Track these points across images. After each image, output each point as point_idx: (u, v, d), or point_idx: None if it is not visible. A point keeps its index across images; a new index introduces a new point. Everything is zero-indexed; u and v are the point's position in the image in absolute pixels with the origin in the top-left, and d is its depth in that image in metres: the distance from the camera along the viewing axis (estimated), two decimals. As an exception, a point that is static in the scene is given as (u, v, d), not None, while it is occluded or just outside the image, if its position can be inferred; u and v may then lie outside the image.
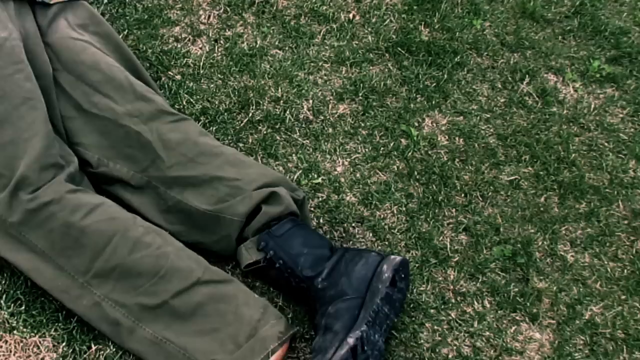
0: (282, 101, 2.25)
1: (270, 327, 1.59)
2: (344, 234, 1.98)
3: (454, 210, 2.09)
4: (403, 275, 1.73)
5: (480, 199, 2.14)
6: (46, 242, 1.60)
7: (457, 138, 2.28)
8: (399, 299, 1.71)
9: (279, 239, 1.72)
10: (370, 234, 1.99)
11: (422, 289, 1.90)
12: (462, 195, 2.13)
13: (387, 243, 1.98)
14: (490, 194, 2.15)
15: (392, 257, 1.72)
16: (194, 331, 1.57)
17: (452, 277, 1.95)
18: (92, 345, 1.63)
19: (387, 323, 1.66)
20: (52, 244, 1.60)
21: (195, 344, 1.56)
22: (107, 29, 1.98)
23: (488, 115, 2.37)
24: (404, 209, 2.07)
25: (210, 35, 2.41)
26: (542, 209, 2.14)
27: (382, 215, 2.04)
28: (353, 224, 2.01)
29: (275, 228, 1.74)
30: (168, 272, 1.60)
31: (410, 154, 2.19)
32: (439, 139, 2.26)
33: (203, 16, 2.47)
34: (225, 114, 2.18)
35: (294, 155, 2.13)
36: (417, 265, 1.94)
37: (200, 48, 2.37)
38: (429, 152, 2.22)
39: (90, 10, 1.97)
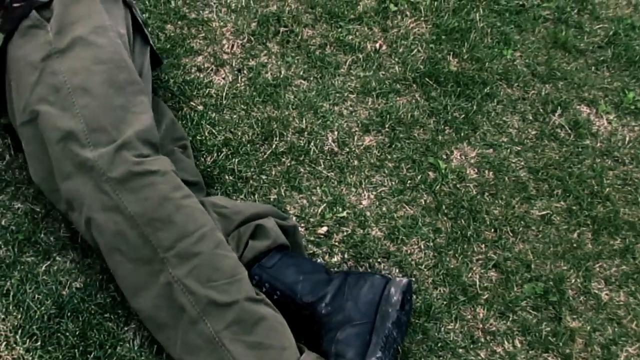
0: (306, 132, 2.27)
1: (307, 355, 1.61)
2: (369, 270, 1.98)
3: (483, 245, 2.09)
4: (409, 297, 1.75)
5: (511, 234, 2.13)
6: (138, 207, 1.62)
7: (486, 171, 2.28)
8: (405, 322, 1.73)
9: (271, 270, 1.74)
10: (397, 270, 2.00)
11: (450, 327, 1.90)
12: (492, 230, 2.13)
13: (414, 279, 1.98)
14: (521, 229, 2.15)
15: (398, 279, 1.74)
16: (250, 343, 1.59)
17: (481, 315, 1.94)
18: (110, 382, 1.65)
19: (394, 347, 1.67)
20: (143, 211, 1.62)
21: (247, 357, 1.58)
22: None
23: (519, 148, 2.37)
24: (431, 244, 2.07)
25: (234, 65, 2.44)
26: (575, 245, 2.13)
27: (408, 251, 2.04)
28: (379, 260, 2.01)
29: (265, 260, 1.76)
30: (244, 279, 1.64)
31: (438, 187, 2.20)
32: (467, 172, 2.27)
33: (226, 45, 2.50)
34: (248, 145, 2.20)
35: (318, 188, 2.14)
36: (445, 302, 1.94)
37: (223, 78, 2.40)
38: (458, 186, 2.22)
39: None
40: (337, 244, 2.02)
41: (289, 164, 2.18)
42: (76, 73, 1.72)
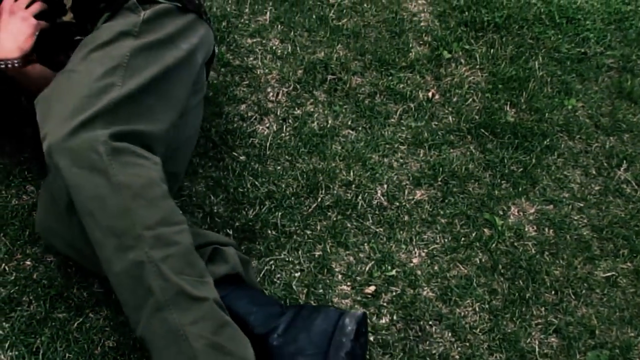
0: (354, 185, 2.28)
1: None
2: (419, 333, 1.96)
3: (543, 309, 2.06)
4: (364, 330, 1.77)
5: (573, 297, 2.10)
6: (127, 179, 1.63)
7: (546, 229, 2.26)
8: (359, 355, 1.74)
9: (224, 299, 1.74)
10: (449, 334, 1.97)
11: (507, 397, 1.87)
12: (553, 292, 2.10)
13: (467, 344, 1.95)
14: (584, 291, 2.11)
15: (352, 311, 1.77)
16: (214, 343, 1.59)
17: (541, 384, 1.91)
18: None
19: None
20: (130, 184, 1.63)
21: (208, 356, 1.59)
22: None
23: (581, 204, 2.35)
24: (487, 306, 2.04)
25: (278, 113, 2.47)
26: (643, 310, 2.09)
27: (462, 313, 2.02)
28: (430, 322, 1.99)
29: (219, 288, 1.75)
30: (212, 284, 1.67)
31: (494, 245, 2.18)
32: (526, 229, 2.25)
33: (271, 94, 2.53)
34: (293, 198, 2.21)
35: (366, 244, 2.14)
36: (501, 370, 1.91)
37: (267, 127, 2.42)
38: (515, 244, 2.20)
39: None
40: (385, 304, 2.01)
41: (335, 219, 2.19)
42: (140, 59, 1.80)
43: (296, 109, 2.50)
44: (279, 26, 2.78)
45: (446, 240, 2.19)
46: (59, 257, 1.95)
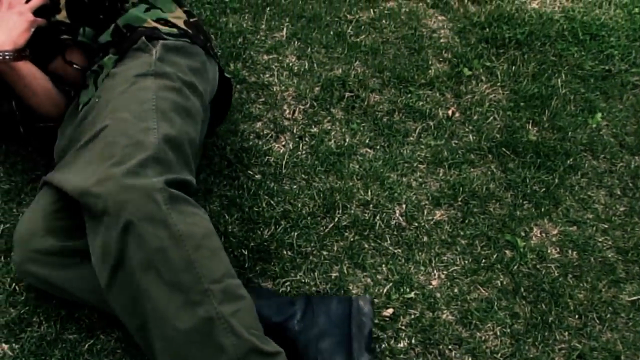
0: (371, 205, 2.27)
1: None
2: (439, 357, 1.95)
3: (566, 333, 2.04)
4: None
5: (597, 321, 2.08)
6: (187, 229, 1.62)
7: (570, 251, 2.25)
8: (371, 331, 1.92)
9: None
10: (470, 358, 1.96)
11: None
12: (576, 316, 2.08)
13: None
14: (608, 316, 2.09)
15: (362, 295, 1.99)
16: None
17: (564, 412, 1.89)
18: None
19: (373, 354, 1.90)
20: (191, 235, 1.62)
21: None
22: None
23: (606, 226, 2.33)
24: (508, 330, 2.03)
25: (295, 131, 2.47)
26: (670, 335, 2.07)
27: (483, 337, 2.01)
28: (450, 346, 1.98)
29: None
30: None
31: (515, 267, 2.17)
32: (549, 251, 2.23)
33: (287, 111, 2.53)
34: (309, 218, 2.21)
35: (383, 265, 2.13)
36: (523, 396, 1.90)
37: (284, 145, 2.42)
38: (538, 266, 2.19)
39: None
40: (403, 327, 2.00)
41: (352, 239, 2.18)
42: (165, 100, 1.81)
43: (313, 126, 2.50)
44: (296, 42, 2.79)
45: (466, 262, 2.17)
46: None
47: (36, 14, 1.98)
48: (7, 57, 1.90)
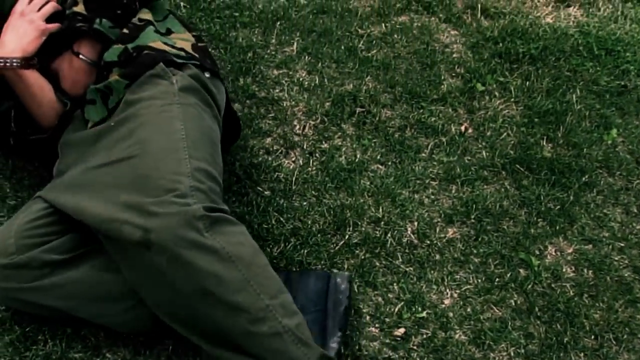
0: (383, 222, 2.26)
1: None
2: None
3: (582, 354, 2.02)
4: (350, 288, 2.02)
5: (614, 342, 2.06)
6: (235, 250, 1.67)
7: (585, 270, 2.23)
8: (347, 309, 1.95)
9: None
10: (483, 380, 1.95)
11: None
12: (592, 337, 2.06)
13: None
14: (625, 336, 2.08)
15: (340, 272, 2.05)
16: None
17: None
18: None
19: (345, 330, 1.94)
20: (241, 255, 1.67)
21: None
22: None
23: (622, 244, 2.32)
24: (522, 351, 2.01)
25: (305, 147, 2.47)
26: (689, 357, 2.05)
27: (496, 358, 1.99)
28: (462, 367, 1.97)
29: None
30: None
31: (530, 286, 2.15)
32: (564, 270, 2.22)
33: (297, 127, 2.53)
34: (319, 235, 2.20)
35: (395, 284, 2.12)
36: (538, 419, 1.88)
37: (293, 161, 2.42)
38: (553, 285, 2.17)
39: None
40: (415, 347, 1.99)
41: (363, 257, 2.17)
42: (193, 129, 1.86)
43: (323, 142, 2.49)
44: (307, 57, 2.79)
45: (479, 280, 2.16)
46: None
47: (49, 20, 2.02)
48: (14, 64, 1.93)
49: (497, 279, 2.17)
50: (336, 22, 2.98)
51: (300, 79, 2.69)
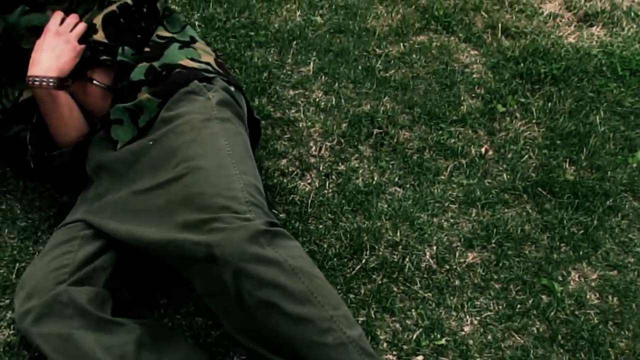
0: (400, 247, 2.25)
1: None
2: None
3: (607, 384, 2.01)
4: None
5: (640, 372, 2.04)
6: (297, 262, 1.70)
7: (610, 296, 2.21)
8: None
9: None
10: (504, 410, 1.93)
11: None
12: (618, 366, 2.04)
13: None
14: (652, 366, 2.05)
15: None
16: None
17: None
18: None
19: None
20: (302, 268, 1.69)
21: None
22: None
23: (648, 270, 2.30)
24: (545, 380, 1.99)
25: (321, 169, 2.47)
26: None
27: (518, 387, 1.98)
28: (483, 397, 1.95)
29: None
30: None
31: (552, 313, 2.13)
32: (588, 296, 2.20)
33: (314, 148, 2.53)
34: (335, 259, 2.19)
35: (413, 310, 2.10)
36: None
37: (309, 183, 2.42)
38: (576, 313, 2.15)
39: None
40: (434, 376, 1.97)
41: (380, 282, 2.16)
42: (236, 145, 1.92)
43: (340, 164, 2.49)
44: (323, 77, 2.79)
45: (500, 307, 2.14)
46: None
47: (79, 41, 2.06)
48: (50, 83, 1.97)
49: (518, 306, 2.15)
50: (353, 41, 2.98)
51: (317, 100, 2.69)
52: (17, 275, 2.02)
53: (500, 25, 3.16)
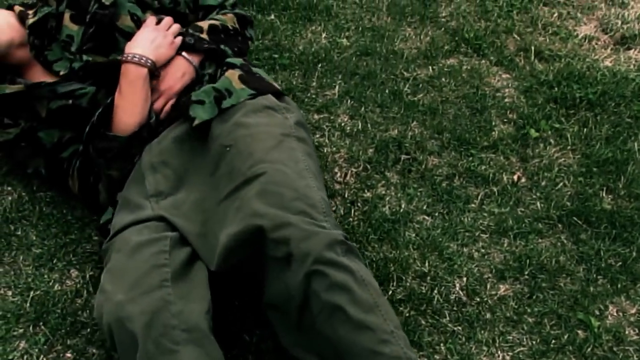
0: (429, 277, 2.23)
1: None
2: None
3: None
4: None
5: (683, 412, 2.00)
6: (368, 277, 1.78)
7: (650, 332, 2.17)
8: None
9: None
10: None
11: None
12: (658, 406, 2.00)
13: None
14: (695, 406, 2.01)
15: None
16: None
17: None
18: None
19: None
20: (372, 283, 1.77)
21: None
22: None
23: (690, 305, 2.26)
24: (581, 420, 1.96)
25: (346, 196, 2.46)
26: None
27: None
28: None
29: None
30: None
31: (589, 350, 2.10)
32: (626, 332, 2.16)
33: (339, 174, 2.52)
34: (360, 290, 2.17)
35: (442, 344, 2.08)
36: None
37: (334, 211, 2.40)
38: (614, 349, 2.12)
39: None
40: (464, 414, 1.94)
41: (407, 315, 2.13)
42: (312, 164, 2.04)
43: (366, 191, 2.48)
44: (349, 101, 2.79)
45: (534, 342, 2.12)
46: (102, 350, 1.94)
47: None
48: (148, 63, 2.16)
49: (553, 341, 2.12)
50: (380, 64, 2.98)
51: (342, 124, 2.68)
52: (30, 304, 2.02)
53: (533, 48, 3.14)
